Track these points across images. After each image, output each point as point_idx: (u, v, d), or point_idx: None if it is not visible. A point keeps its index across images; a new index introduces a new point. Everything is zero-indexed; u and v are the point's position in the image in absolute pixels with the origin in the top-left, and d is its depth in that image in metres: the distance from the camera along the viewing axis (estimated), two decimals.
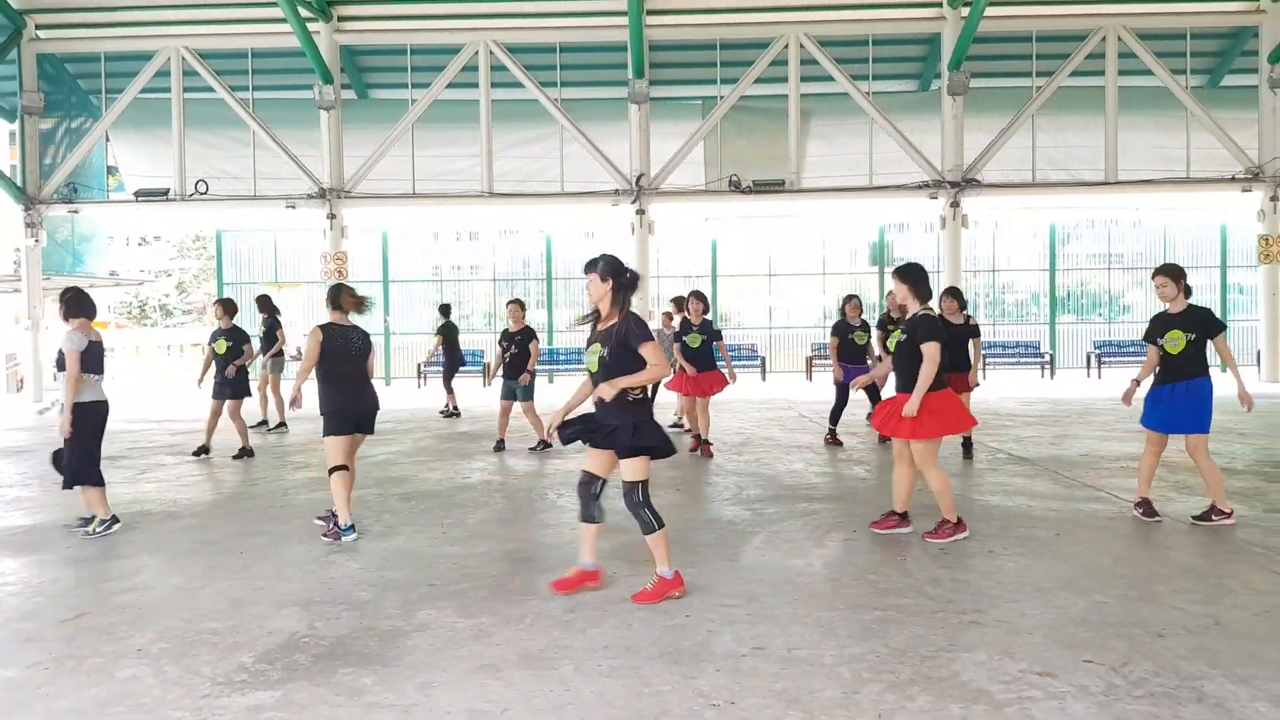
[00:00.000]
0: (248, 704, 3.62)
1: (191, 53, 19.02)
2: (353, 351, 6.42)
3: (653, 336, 4.72)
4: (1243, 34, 19.35)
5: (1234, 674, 3.72)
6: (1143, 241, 22.81)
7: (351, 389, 6.37)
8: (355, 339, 6.46)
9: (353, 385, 6.39)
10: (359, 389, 6.43)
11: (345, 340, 6.38)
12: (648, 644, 4.17)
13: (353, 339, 6.44)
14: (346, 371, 6.36)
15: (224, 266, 22.51)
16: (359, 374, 6.46)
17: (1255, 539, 5.90)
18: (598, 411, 4.80)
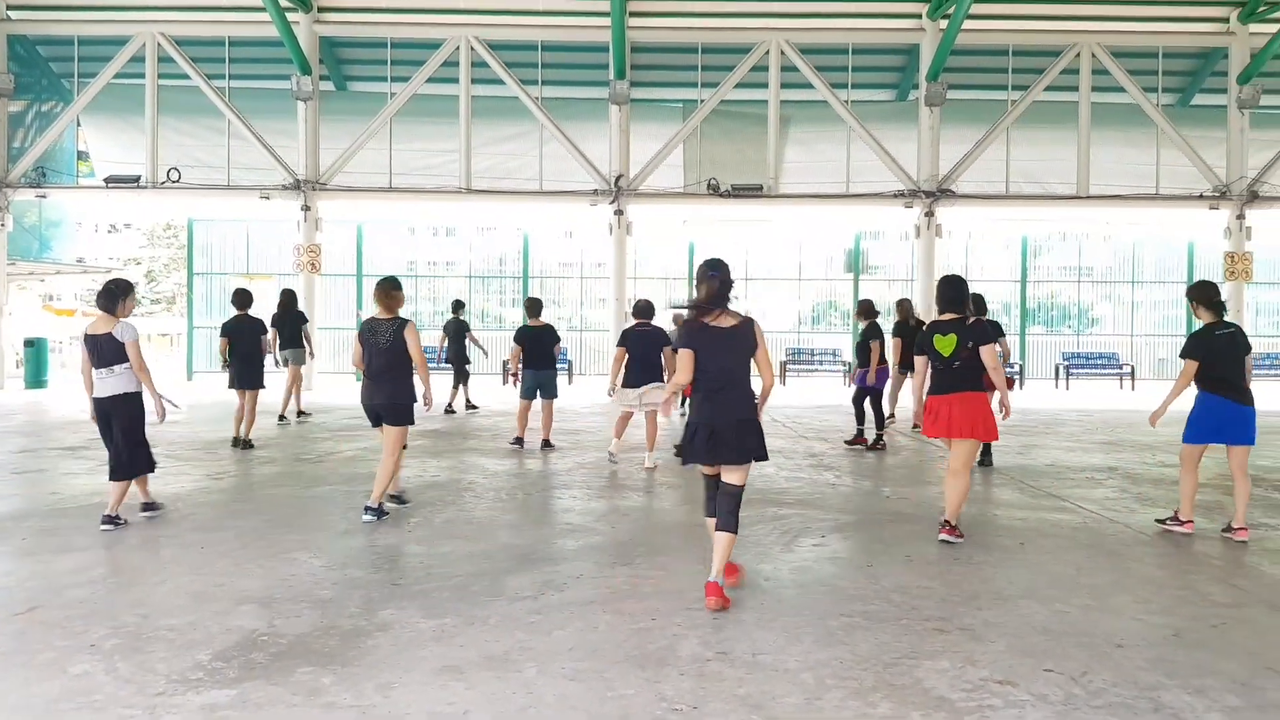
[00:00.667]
0: (202, 702, 3.57)
1: (167, 39, 18.80)
2: (381, 344, 6.60)
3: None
4: (1213, 54, 19.65)
5: (1190, 685, 3.76)
6: (1112, 256, 23.08)
7: (369, 382, 6.69)
8: (384, 332, 6.62)
9: (371, 378, 6.69)
10: (374, 382, 6.67)
11: (373, 334, 6.64)
12: (612, 647, 4.15)
13: (380, 332, 6.62)
14: (370, 365, 6.66)
15: (194, 256, 22.26)
16: (380, 367, 6.63)
17: (1215, 551, 5.97)
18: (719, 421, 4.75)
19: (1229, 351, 6.32)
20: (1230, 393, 6.30)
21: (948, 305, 6.27)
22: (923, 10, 18.62)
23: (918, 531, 6.46)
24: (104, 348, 6.38)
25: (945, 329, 6.19)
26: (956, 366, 6.11)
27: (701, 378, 4.82)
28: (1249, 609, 4.79)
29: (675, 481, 8.44)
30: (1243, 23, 18.76)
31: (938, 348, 6.17)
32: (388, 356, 6.61)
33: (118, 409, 6.43)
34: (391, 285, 6.76)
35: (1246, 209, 19.16)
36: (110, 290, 6.51)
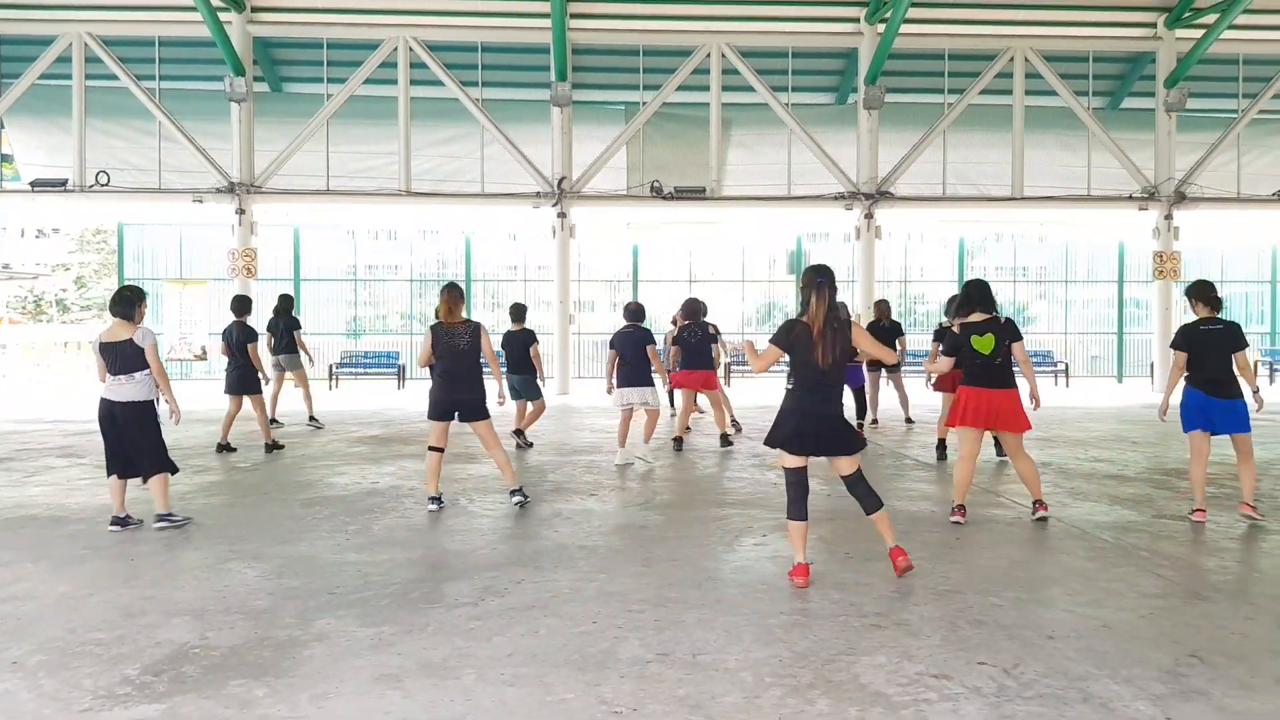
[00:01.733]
0: (130, 718, 3.48)
1: (95, 39, 18.33)
2: (461, 347, 7.10)
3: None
4: (1141, 59, 20.18)
5: (1119, 674, 3.85)
6: (1046, 256, 23.59)
7: (449, 381, 7.15)
8: (461, 335, 7.12)
9: (450, 378, 7.16)
10: (455, 382, 7.15)
11: (450, 337, 7.12)
12: (553, 651, 4.14)
13: (458, 335, 7.12)
14: (449, 366, 7.13)
15: (125, 261, 21.75)
16: (461, 368, 7.14)
17: (1143, 544, 6.12)
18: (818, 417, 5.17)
19: (1212, 346, 6.68)
20: (1209, 386, 6.69)
21: (978, 306, 6.70)
22: (860, 15, 18.86)
23: (857, 529, 6.52)
24: (123, 354, 6.47)
25: (981, 329, 6.60)
26: (999, 363, 6.57)
27: (808, 375, 5.18)
28: (1175, 599, 4.91)
29: (621, 484, 8.43)
30: (1169, 28, 19.29)
31: (976, 347, 6.55)
32: (468, 358, 7.13)
33: (131, 416, 6.50)
34: (460, 292, 7.28)
35: (1174, 209, 19.69)
36: (127, 297, 6.63)
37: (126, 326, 6.54)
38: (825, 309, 5.14)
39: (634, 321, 9.69)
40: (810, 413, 5.15)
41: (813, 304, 5.15)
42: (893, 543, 5.25)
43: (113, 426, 6.54)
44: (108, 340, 6.52)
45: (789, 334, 5.20)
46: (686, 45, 19.10)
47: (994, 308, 6.74)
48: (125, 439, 6.55)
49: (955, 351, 6.70)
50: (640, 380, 9.55)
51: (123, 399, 6.49)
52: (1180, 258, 20.01)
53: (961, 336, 6.66)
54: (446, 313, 7.15)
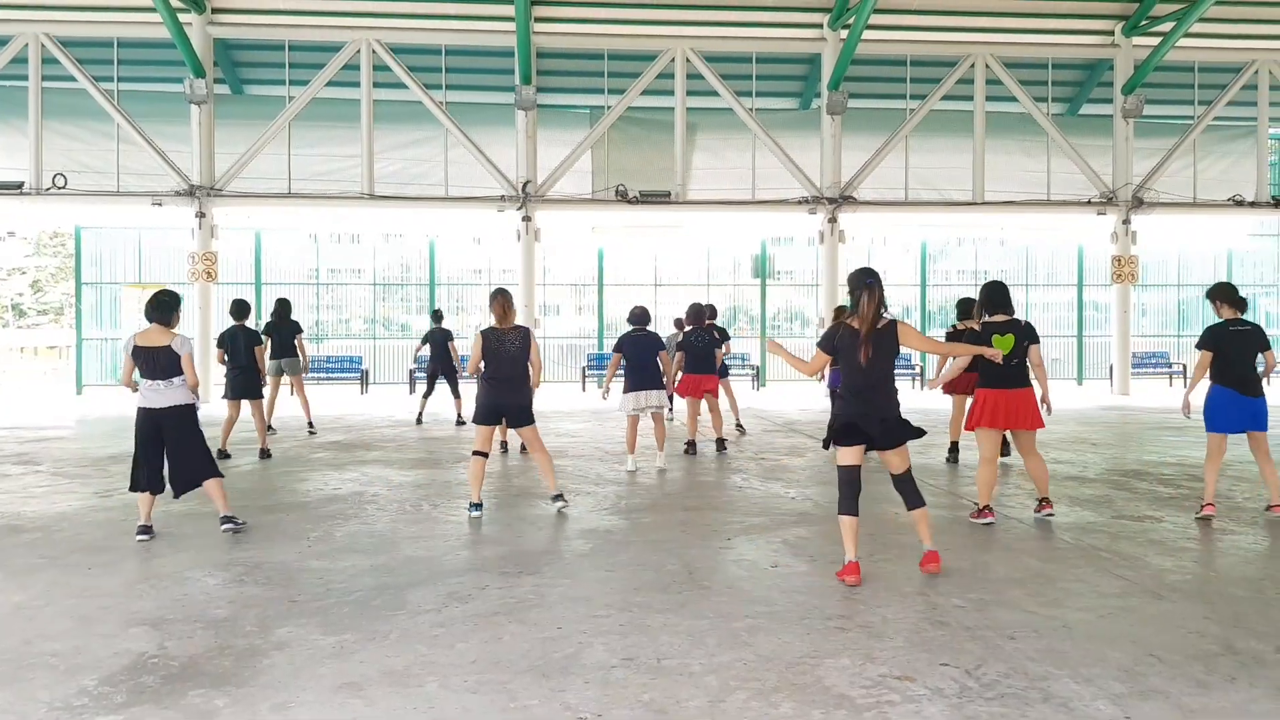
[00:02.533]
0: None
1: (52, 39, 18.03)
2: (512, 351, 7.15)
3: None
4: (1099, 65, 20.51)
5: (1079, 674, 3.89)
6: (1007, 259, 23.86)
7: (499, 384, 7.17)
8: (511, 340, 7.16)
9: (500, 382, 7.17)
10: (505, 385, 7.18)
11: (500, 342, 7.14)
12: (517, 658, 4.12)
13: (508, 340, 7.16)
14: (500, 370, 7.15)
15: (83, 265, 21.36)
16: (510, 372, 7.18)
17: (1102, 544, 6.20)
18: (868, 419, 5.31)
19: (1240, 346, 6.87)
20: (1237, 385, 6.86)
21: (998, 307, 6.88)
22: (824, 21, 18.99)
23: (822, 532, 6.57)
24: (160, 360, 6.40)
25: (1003, 329, 6.79)
26: (1015, 364, 6.74)
27: (856, 376, 5.33)
28: (1134, 598, 4.98)
29: (587, 489, 8.42)
30: (1126, 35, 19.61)
31: (997, 346, 6.66)
32: (517, 363, 7.18)
33: (172, 421, 6.46)
34: (510, 297, 7.33)
35: (1132, 214, 20.01)
36: (166, 302, 6.59)
37: (164, 333, 6.49)
38: (874, 310, 5.29)
39: (642, 325, 9.65)
40: (861, 414, 5.29)
41: (863, 305, 5.30)
42: (928, 545, 5.42)
43: (155, 435, 6.45)
44: (143, 345, 6.43)
45: (833, 338, 5.39)
46: (651, 50, 19.14)
47: (1013, 309, 6.94)
48: (172, 447, 6.46)
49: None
50: (655, 383, 9.56)
51: (165, 405, 6.42)
52: (1138, 261, 20.36)
53: (984, 335, 6.81)
54: (501, 317, 7.18)
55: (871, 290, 5.30)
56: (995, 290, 6.96)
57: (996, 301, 6.90)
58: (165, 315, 6.55)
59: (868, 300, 5.30)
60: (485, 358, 7.16)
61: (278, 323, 12.33)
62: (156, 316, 6.52)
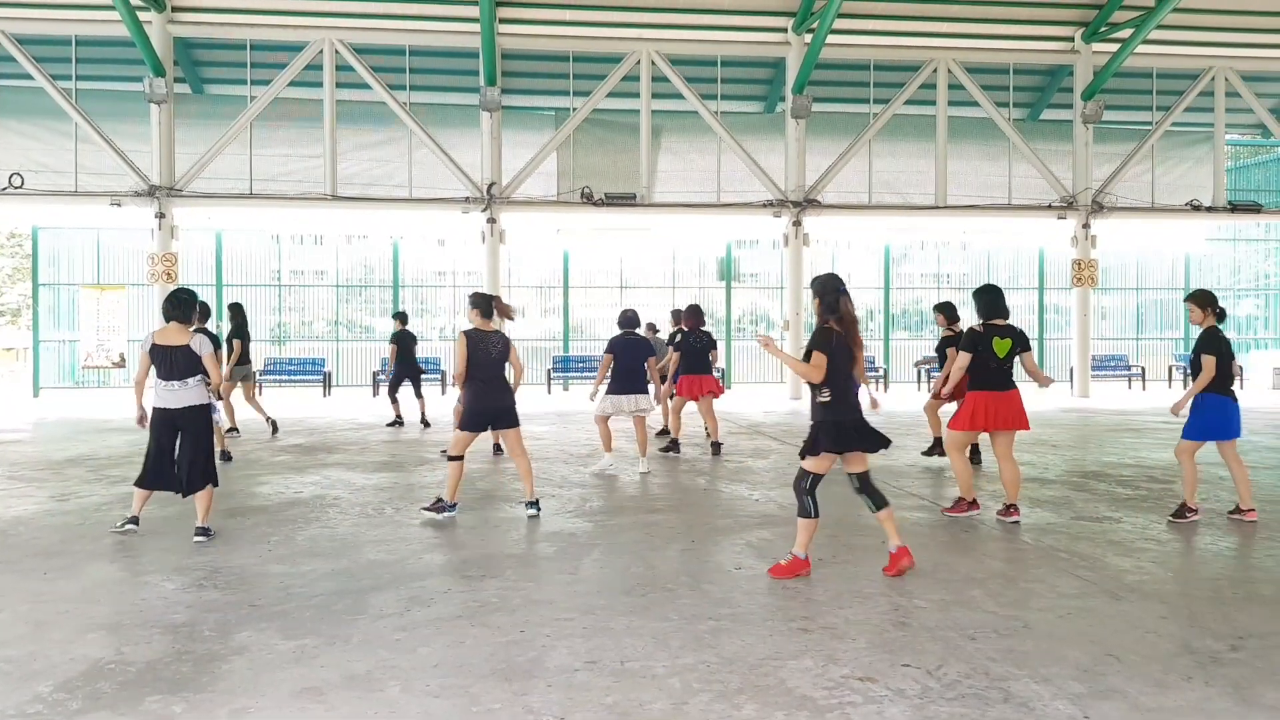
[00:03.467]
0: None
1: (8, 37, 17.72)
2: (494, 355, 7.11)
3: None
4: (1060, 71, 20.79)
5: (1038, 674, 3.93)
6: (969, 263, 24.12)
7: (484, 388, 7.09)
8: (495, 344, 7.13)
9: (485, 384, 7.10)
10: (489, 388, 7.11)
11: (484, 345, 7.07)
12: (479, 661, 4.10)
13: (492, 344, 7.11)
14: (483, 373, 7.07)
15: (40, 266, 21.01)
16: (494, 375, 7.14)
17: (1061, 545, 6.28)
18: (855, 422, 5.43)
19: (1230, 352, 7.03)
20: (1229, 392, 7.01)
21: (996, 311, 7.06)
22: (788, 25, 19.11)
23: (786, 533, 6.58)
24: (178, 359, 6.30)
25: (1003, 332, 7.00)
26: (1008, 367, 6.95)
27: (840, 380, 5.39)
28: (1092, 599, 5.05)
29: (551, 492, 8.39)
30: (1086, 42, 19.92)
31: (995, 348, 6.89)
32: (499, 366, 7.17)
33: (189, 422, 6.39)
34: (491, 300, 7.25)
35: (1092, 218, 20.31)
36: (184, 301, 6.51)
37: (183, 331, 6.41)
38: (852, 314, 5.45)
39: (631, 329, 9.67)
40: (848, 419, 5.39)
41: (845, 309, 5.42)
42: (898, 542, 5.45)
43: (169, 434, 6.38)
44: (161, 343, 6.33)
45: (830, 342, 5.38)
46: (616, 52, 19.16)
47: (1009, 314, 7.17)
48: (187, 447, 6.37)
49: (973, 348, 6.94)
50: (640, 388, 9.58)
51: (181, 405, 6.35)
52: (1098, 265, 20.68)
53: (984, 336, 6.95)
54: (482, 320, 7.15)
55: (848, 295, 5.45)
56: (997, 295, 7.14)
57: (997, 306, 7.08)
58: (185, 313, 6.48)
59: (848, 304, 5.43)
60: (472, 361, 7.07)
61: (237, 330, 12.10)
62: (176, 314, 6.44)
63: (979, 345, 6.96)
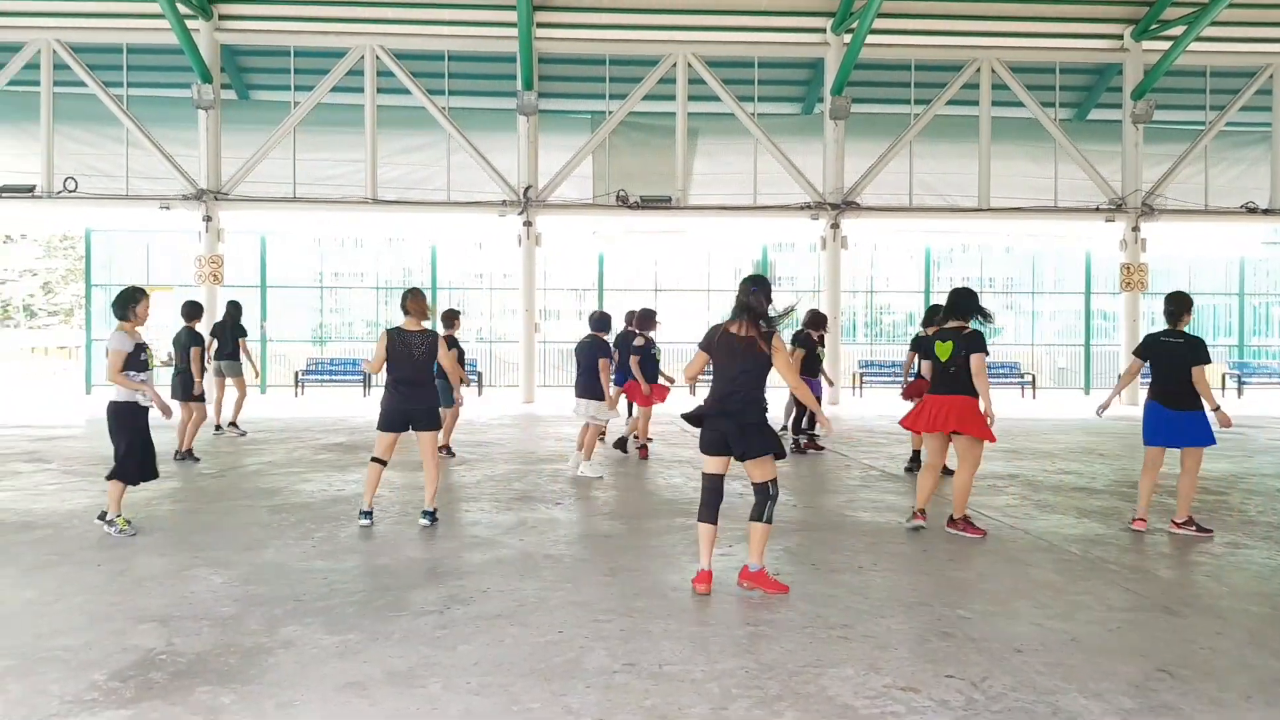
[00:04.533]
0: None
1: (63, 45, 18.14)
2: (416, 355, 6.81)
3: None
4: (1108, 70, 20.43)
5: (1087, 689, 3.85)
6: (1013, 266, 23.81)
7: (405, 389, 6.84)
8: (418, 344, 6.82)
9: (405, 385, 6.84)
10: (410, 389, 6.85)
11: (405, 344, 6.81)
12: (519, 661, 4.11)
13: (414, 344, 6.82)
14: (404, 374, 6.82)
15: (93, 267, 21.47)
16: (415, 376, 6.85)
17: (1111, 556, 6.17)
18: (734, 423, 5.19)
19: (1168, 359, 6.78)
20: (1163, 398, 6.80)
21: (957, 314, 6.80)
22: (827, 25, 18.99)
23: (824, 540, 6.56)
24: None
25: (946, 335, 6.83)
26: (953, 371, 6.71)
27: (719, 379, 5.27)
28: (1143, 612, 4.93)
29: (586, 494, 8.41)
30: (1136, 40, 19.55)
31: (936, 352, 6.78)
32: (424, 367, 6.86)
33: (108, 416, 6.57)
34: (420, 297, 6.97)
35: (1141, 221, 19.93)
36: (120, 298, 6.62)
37: (118, 327, 6.57)
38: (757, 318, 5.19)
39: (596, 332, 9.50)
40: (723, 417, 5.18)
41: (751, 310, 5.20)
42: (757, 561, 5.23)
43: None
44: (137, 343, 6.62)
45: (711, 339, 5.30)
46: (653, 55, 19.16)
47: (969, 318, 6.81)
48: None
49: (925, 354, 6.85)
50: (592, 392, 9.33)
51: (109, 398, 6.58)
52: (1148, 269, 20.26)
53: (928, 340, 6.88)
54: (420, 316, 6.88)
55: (756, 297, 5.18)
56: (953, 297, 6.92)
57: (957, 307, 6.83)
58: (119, 310, 6.59)
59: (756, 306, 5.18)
60: (389, 359, 6.85)
61: (224, 325, 12.32)
62: (114, 312, 6.62)
63: (923, 349, 6.90)
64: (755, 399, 5.22)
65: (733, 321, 5.24)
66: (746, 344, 5.15)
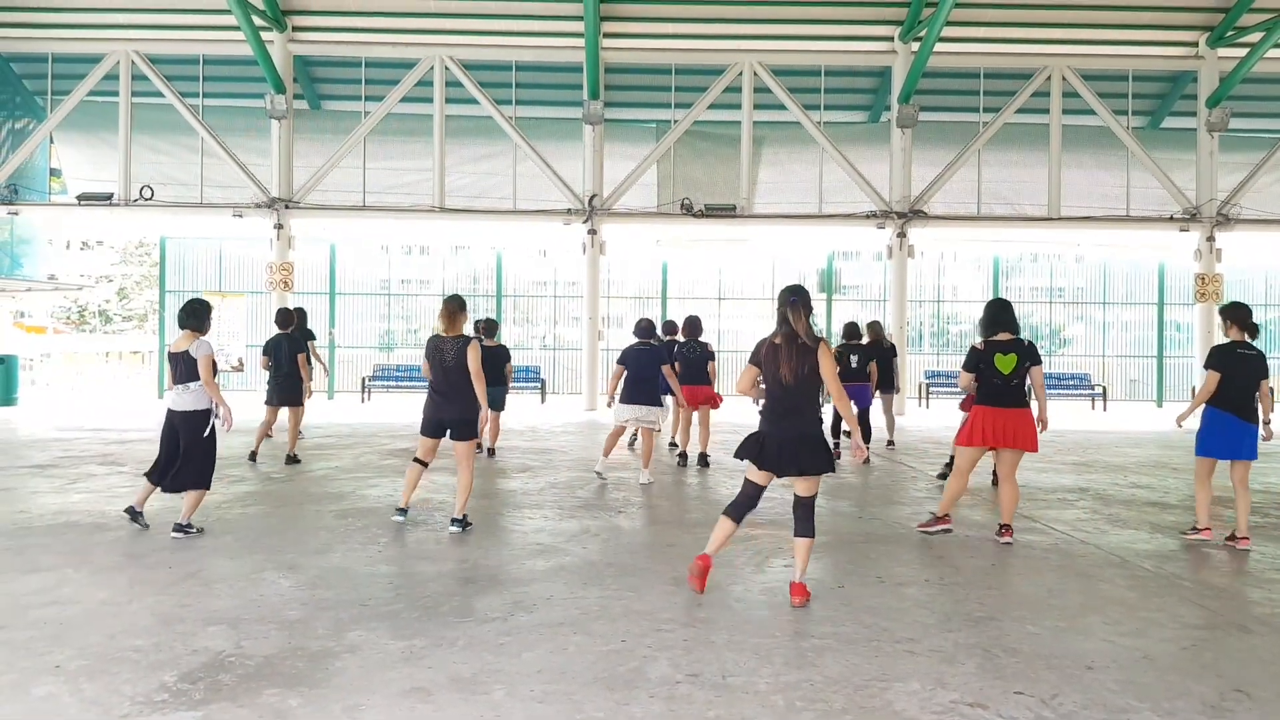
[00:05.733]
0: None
1: (141, 57, 18.71)
2: (448, 362, 6.88)
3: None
4: (1182, 78, 19.94)
5: (1160, 708, 3.76)
6: (1084, 276, 23.29)
7: (439, 397, 6.96)
8: (449, 350, 6.88)
9: (440, 394, 6.95)
10: (444, 398, 6.94)
11: (439, 352, 6.91)
12: (582, 669, 4.13)
13: (446, 350, 6.88)
14: (436, 380, 6.96)
15: (167, 274, 22.06)
16: (449, 384, 6.91)
17: (1185, 573, 6.01)
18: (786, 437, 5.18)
19: (1244, 371, 6.69)
20: (1237, 410, 6.70)
21: (1004, 327, 6.80)
22: (894, 33, 18.82)
23: (889, 552, 6.47)
24: (179, 365, 6.71)
25: (1006, 348, 6.74)
26: (1014, 384, 6.69)
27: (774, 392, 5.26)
28: (1219, 630, 4.81)
29: (647, 502, 8.42)
30: (1211, 47, 19.06)
31: (998, 365, 6.68)
32: (456, 374, 6.89)
33: (183, 425, 6.70)
34: (456, 305, 7.03)
35: (1217, 231, 19.39)
36: (195, 310, 6.87)
37: (188, 338, 6.75)
38: (803, 327, 5.17)
39: (646, 339, 9.58)
40: (778, 432, 5.18)
41: (790, 321, 5.19)
42: (800, 576, 5.23)
43: (171, 435, 6.74)
44: (173, 350, 6.77)
45: (758, 353, 5.29)
46: (718, 64, 19.15)
47: (1017, 329, 6.85)
48: (184, 450, 6.68)
49: (975, 368, 6.74)
50: (647, 399, 9.41)
51: (180, 409, 6.69)
52: (1223, 280, 19.69)
53: (985, 354, 6.74)
54: (447, 325, 6.95)
55: (795, 308, 5.17)
56: (1000, 309, 6.91)
57: (1002, 321, 6.82)
58: (195, 322, 6.79)
59: (794, 317, 5.17)
60: (430, 366, 7.00)
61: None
62: (186, 323, 6.80)
63: (980, 363, 6.75)
64: (812, 410, 5.20)
65: (777, 333, 5.23)
66: (799, 352, 5.13)
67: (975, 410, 6.86)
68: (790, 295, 5.23)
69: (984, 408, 6.77)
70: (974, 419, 6.84)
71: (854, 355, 11.68)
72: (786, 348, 5.15)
